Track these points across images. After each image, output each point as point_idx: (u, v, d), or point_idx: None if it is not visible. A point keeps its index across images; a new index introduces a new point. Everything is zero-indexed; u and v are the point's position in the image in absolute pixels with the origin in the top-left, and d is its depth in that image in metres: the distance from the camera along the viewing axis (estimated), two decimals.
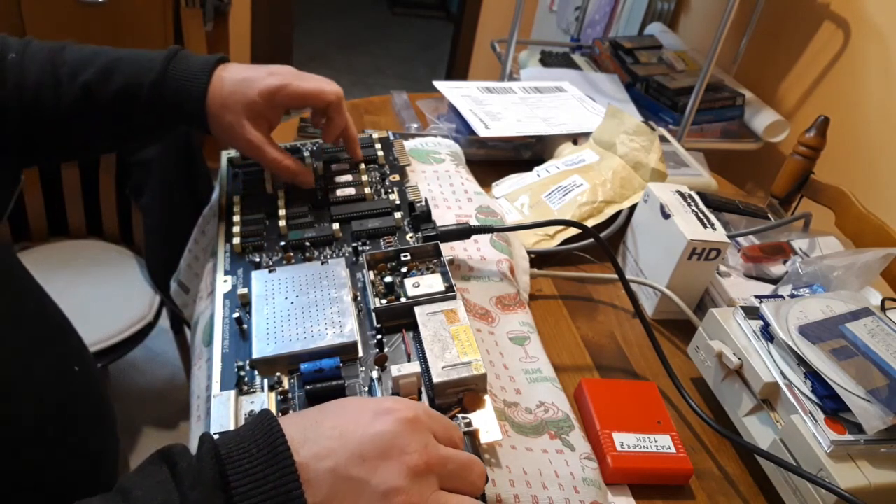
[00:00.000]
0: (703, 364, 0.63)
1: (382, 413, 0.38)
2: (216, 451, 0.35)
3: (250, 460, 0.34)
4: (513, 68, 1.44)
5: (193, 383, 0.59)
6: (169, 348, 1.71)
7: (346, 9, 4.00)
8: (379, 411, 0.38)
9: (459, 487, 0.38)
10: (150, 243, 1.29)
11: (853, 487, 0.48)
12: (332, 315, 0.51)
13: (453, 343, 0.48)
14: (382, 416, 0.38)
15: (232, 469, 0.34)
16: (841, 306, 0.59)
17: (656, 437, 0.56)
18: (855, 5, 1.28)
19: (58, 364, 0.55)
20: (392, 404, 0.39)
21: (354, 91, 3.11)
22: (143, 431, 1.56)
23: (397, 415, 0.38)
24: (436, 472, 0.37)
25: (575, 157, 0.86)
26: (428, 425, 0.39)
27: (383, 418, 0.37)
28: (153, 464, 0.35)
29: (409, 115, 1.01)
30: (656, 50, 1.51)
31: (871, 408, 0.50)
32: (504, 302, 0.61)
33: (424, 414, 0.39)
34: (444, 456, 0.38)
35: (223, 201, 0.65)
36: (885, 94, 1.22)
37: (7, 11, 1.82)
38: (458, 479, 0.38)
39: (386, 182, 0.67)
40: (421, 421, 0.38)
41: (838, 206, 0.97)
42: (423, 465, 0.36)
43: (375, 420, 0.37)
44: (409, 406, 0.39)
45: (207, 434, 0.37)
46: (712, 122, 1.38)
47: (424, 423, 0.38)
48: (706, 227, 0.68)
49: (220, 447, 0.35)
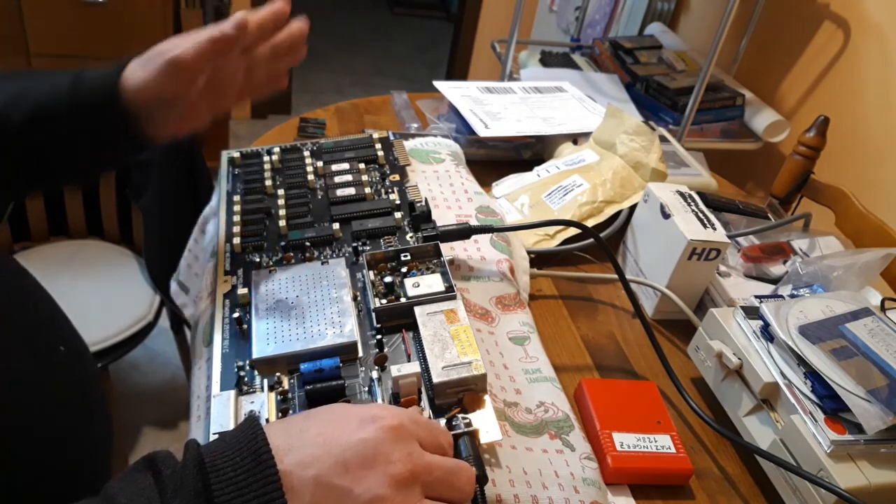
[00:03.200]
0: (703, 364, 0.63)
1: (367, 421, 0.38)
2: (200, 459, 0.35)
3: (234, 468, 0.34)
4: (513, 68, 1.44)
5: (193, 383, 0.59)
6: (169, 348, 1.71)
7: (346, 9, 4.00)
8: (364, 419, 0.38)
9: (446, 494, 0.38)
10: (150, 243, 1.29)
11: (853, 487, 0.48)
12: (332, 315, 0.51)
13: (453, 343, 0.48)
14: (367, 424, 0.37)
15: (215, 477, 0.34)
16: (841, 306, 0.59)
17: (656, 437, 0.56)
18: (855, 5, 1.28)
19: (45, 352, 0.54)
20: (378, 412, 0.38)
21: (354, 91, 3.11)
22: (143, 431, 1.56)
23: (382, 423, 0.37)
24: (421, 480, 0.37)
25: (575, 157, 0.86)
26: (413, 433, 0.38)
27: (368, 426, 0.37)
28: (138, 470, 0.35)
29: (409, 115, 1.01)
30: (656, 50, 1.51)
31: (871, 408, 0.50)
32: (504, 302, 0.61)
33: (410, 421, 0.39)
34: (430, 463, 0.38)
35: (223, 201, 0.65)
36: (885, 94, 1.22)
37: (7, 11, 1.82)
38: (445, 485, 0.38)
39: (386, 182, 0.67)
40: (406, 429, 0.38)
41: (838, 206, 0.97)
42: (407, 473, 0.36)
43: (360, 428, 0.37)
44: (394, 413, 0.39)
45: (193, 441, 0.37)
46: (712, 122, 1.38)
47: (409, 431, 0.38)
48: (706, 227, 0.68)
49: (204, 455, 0.35)
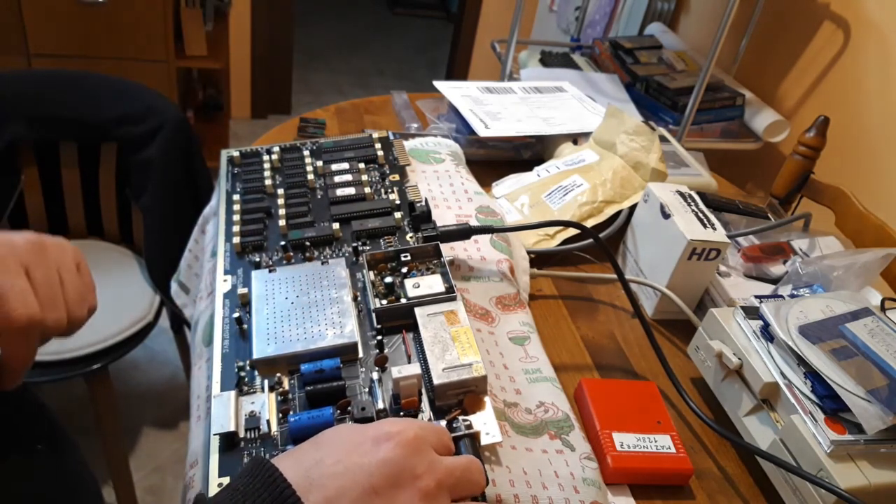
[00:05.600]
0: (703, 364, 0.63)
1: (383, 439, 0.37)
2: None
3: None
4: (513, 68, 1.44)
5: (193, 383, 0.59)
6: (169, 348, 1.71)
7: (346, 9, 4.00)
8: (379, 437, 0.37)
9: (467, 492, 0.38)
10: (150, 243, 1.29)
11: (853, 487, 0.48)
12: (332, 315, 0.51)
13: (454, 344, 0.48)
14: (384, 443, 0.36)
15: None
16: (841, 306, 0.59)
17: (656, 437, 0.56)
18: (855, 5, 1.28)
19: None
20: (390, 427, 0.37)
21: (354, 91, 3.11)
22: (143, 431, 1.56)
23: (399, 438, 0.36)
24: (446, 485, 0.37)
25: (575, 157, 0.86)
26: (427, 441, 0.38)
27: (385, 444, 0.36)
28: None
29: (409, 115, 1.01)
30: (656, 50, 1.51)
31: (871, 408, 0.50)
32: (504, 302, 0.61)
33: (421, 430, 0.38)
34: (449, 468, 0.38)
35: (223, 201, 0.65)
36: (885, 94, 1.22)
37: (7, 11, 1.82)
38: (465, 483, 0.38)
39: (386, 182, 0.67)
40: (422, 439, 0.37)
41: (838, 206, 0.97)
42: (434, 484, 0.36)
43: (378, 447, 0.36)
44: (407, 426, 0.38)
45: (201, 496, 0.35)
46: (712, 122, 1.38)
47: (424, 441, 0.38)
48: (706, 227, 0.68)
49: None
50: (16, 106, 1.20)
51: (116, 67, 1.96)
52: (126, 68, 1.97)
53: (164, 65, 2.01)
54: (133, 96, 1.25)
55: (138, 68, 1.98)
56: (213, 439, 0.44)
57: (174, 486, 1.46)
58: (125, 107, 1.24)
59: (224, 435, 0.44)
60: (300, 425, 0.43)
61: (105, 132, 1.25)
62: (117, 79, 1.28)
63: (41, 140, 1.25)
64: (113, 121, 1.23)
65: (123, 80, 1.28)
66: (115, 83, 1.27)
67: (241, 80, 2.69)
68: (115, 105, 1.24)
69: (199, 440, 0.52)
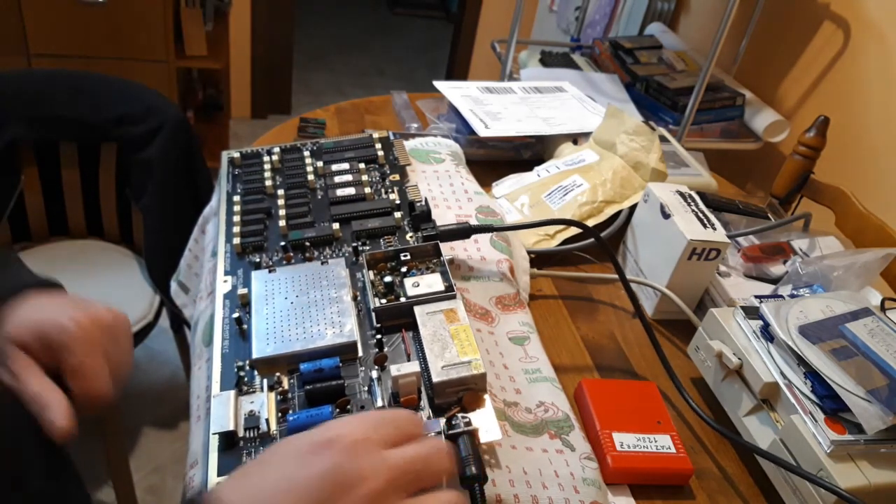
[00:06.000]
0: (703, 364, 0.63)
1: (323, 447, 0.36)
2: None
3: None
4: (513, 68, 1.44)
5: (193, 383, 0.59)
6: (169, 348, 1.71)
7: (346, 9, 4.00)
8: (318, 445, 0.36)
9: (432, 480, 0.37)
10: (150, 243, 1.29)
11: (853, 487, 0.48)
12: (331, 315, 0.51)
13: (453, 343, 0.48)
14: (324, 451, 0.35)
15: None
16: (841, 306, 0.59)
17: (656, 436, 0.56)
18: (855, 5, 1.28)
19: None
20: (332, 433, 0.36)
21: (354, 91, 3.11)
22: (142, 431, 1.56)
23: (340, 443, 0.36)
24: (400, 482, 0.36)
25: (575, 157, 0.86)
26: (377, 439, 0.37)
27: (325, 453, 0.35)
28: None
29: (409, 115, 1.01)
30: (656, 50, 1.51)
31: (871, 408, 0.50)
32: (504, 302, 0.61)
33: (370, 428, 0.37)
34: (403, 461, 0.37)
35: (223, 201, 0.65)
36: (885, 94, 1.22)
37: (7, 11, 1.82)
38: (428, 472, 0.37)
39: (386, 182, 0.67)
40: (368, 440, 0.36)
41: (838, 206, 0.97)
42: (383, 484, 0.35)
43: (319, 457, 0.35)
44: (351, 427, 0.37)
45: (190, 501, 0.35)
46: (712, 122, 1.38)
47: (372, 440, 0.36)
48: (706, 227, 0.68)
49: None
50: (16, 106, 1.20)
51: (116, 67, 1.95)
52: (126, 68, 1.97)
53: (164, 65, 2.01)
54: (133, 96, 1.25)
55: (138, 68, 1.98)
56: (212, 439, 0.44)
57: (174, 486, 1.46)
58: (125, 107, 1.24)
59: (223, 434, 0.44)
60: (299, 424, 0.43)
61: (105, 132, 1.25)
62: (117, 79, 1.28)
63: (41, 140, 1.25)
64: (113, 121, 1.23)
65: (123, 80, 1.28)
66: (115, 83, 1.27)
67: (241, 80, 2.69)
68: (115, 105, 1.24)
69: (199, 440, 0.52)
